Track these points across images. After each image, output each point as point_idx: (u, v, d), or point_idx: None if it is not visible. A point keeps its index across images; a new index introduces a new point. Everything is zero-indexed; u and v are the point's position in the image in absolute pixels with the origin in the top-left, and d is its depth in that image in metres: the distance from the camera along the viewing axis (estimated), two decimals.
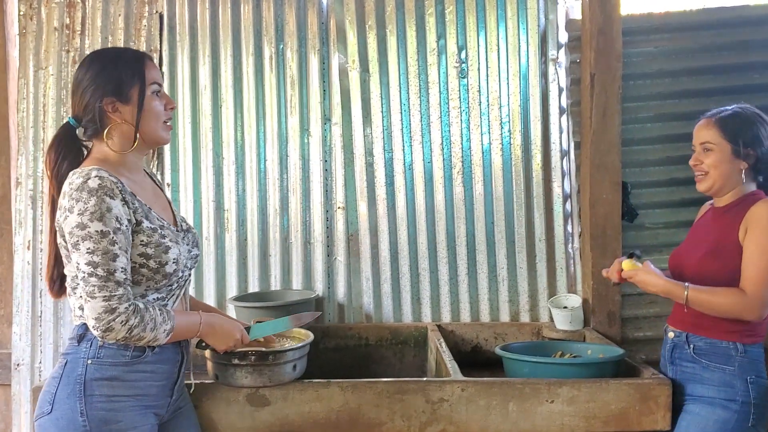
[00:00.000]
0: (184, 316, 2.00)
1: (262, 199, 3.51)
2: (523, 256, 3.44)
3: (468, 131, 3.46)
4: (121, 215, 1.81)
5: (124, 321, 1.77)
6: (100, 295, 1.77)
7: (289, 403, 2.31)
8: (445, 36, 3.47)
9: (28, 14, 3.51)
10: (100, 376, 1.86)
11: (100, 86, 1.91)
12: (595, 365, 2.50)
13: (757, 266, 2.17)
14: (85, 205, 1.77)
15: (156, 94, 1.98)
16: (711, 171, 2.32)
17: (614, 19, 3.18)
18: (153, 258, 1.88)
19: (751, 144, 2.27)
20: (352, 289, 3.48)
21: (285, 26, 3.52)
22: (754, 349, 2.27)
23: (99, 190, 1.78)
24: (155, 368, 1.94)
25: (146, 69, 1.97)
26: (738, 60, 3.37)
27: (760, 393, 2.24)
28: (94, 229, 1.77)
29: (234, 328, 2.10)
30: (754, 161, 2.29)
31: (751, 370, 2.25)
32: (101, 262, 1.77)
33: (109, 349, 1.87)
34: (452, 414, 2.35)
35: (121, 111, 1.93)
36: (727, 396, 2.24)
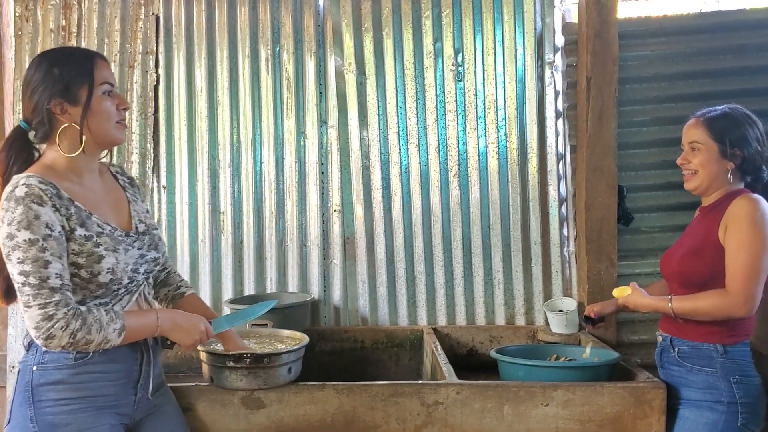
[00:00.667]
0: (137, 315, 1.93)
1: (258, 202, 3.51)
2: (519, 260, 3.44)
3: (464, 134, 3.46)
4: (52, 221, 1.76)
5: (64, 326, 1.72)
6: (35, 304, 1.72)
7: (284, 406, 2.31)
8: (441, 39, 3.48)
9: (24, 16, 3.51)
10: (45, 381, 1.83)
11: (48, 87, 1.86)
12: (590, 369, 2.50)
13: (737, 263, 2.17)
14: (12, 215, 1.73)
15: (107, 94, 1.92)
16: (699, 170, 2.33)
17: (611, 22, 3.18)
18: (84, 267, 1.83)
19: (738, 144, 2.28)
20: (348, 292, 3.48)
21: (281, 28, 3.52)
22: (737, 349, 2.26)
23: (26, 198, 1.74)
24: (106, 368, 1.89)
25: (96, 68, 1.91)
26: (734, 64, 3.37)
27: (749, 392, 2.23)
28: (22, 238, 1.72)
29: (197, 322, 2.02)
30: (740, 161, 2.30)
31: (734, 371, 2.24)
32: (32, 270, 1.72)
33: (52, 354, 1.83)
34: (447, 417, 2.35)
35: (70, 112, 1.88)
36: (713, 398, 2.24)
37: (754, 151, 2.29)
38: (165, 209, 3.52)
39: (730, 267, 2.20)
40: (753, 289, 2.16)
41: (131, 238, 1.97)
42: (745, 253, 2.16)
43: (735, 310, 2.17)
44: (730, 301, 2.17)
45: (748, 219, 2.18)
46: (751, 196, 2.25)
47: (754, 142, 2.29)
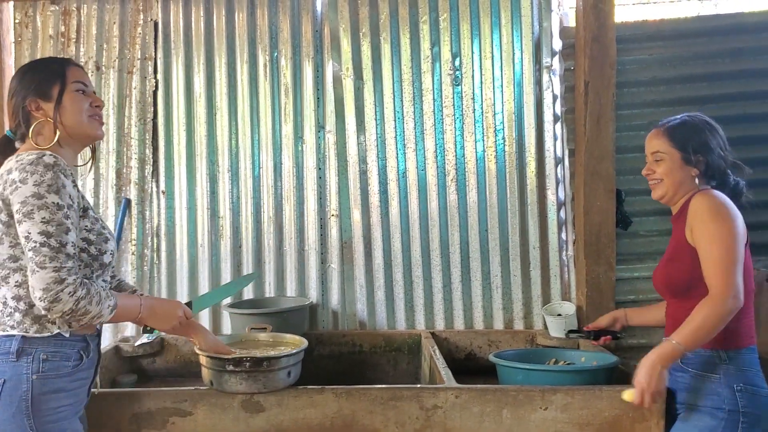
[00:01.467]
0: (126, 297, 2.00)
1: (257, 207, 3.52)
2: (517, 264, 3.44)
3: (462, 139, 3.47)
4: (73, 195, 1.84)
5: (72, 292, 1.76)
6: (51, 266, 1.75)
7: (284, 410, 2.31)
8: (439, 43, 3.48)
9: (23, 22, 3.52)
10: (47, 390, 1.83)
11: (23, 89, 1.95)
12: (588, 372, 2.50)
13: (711, 259, 2.14)
14: (41, 177, 1.78)
15: (80, 92, 1.99)
16: (664, 179, 2.32)
17: (608, 26, 3.19)
18: (95, 244, 1.91)
19: (700, 151, 2.28)
20: (345, 297, 3.49)
21: (279, 34, 3.53)
22: (741, 356, 2.19)
23: (55, 167, 1.80)
24: (87, 374, 1.96)
25: (68, 69, 2.00)
26: (732, 67, 3.39)
27: (752, 402, 2.15)
28: (51, 201, 1.77)
29: (174, 307, 2.11)
30: (704, 167, 2.29)
31: (738, 379, 2.16)
32: (55, 232, 1.77)
33: (53, 362, 1.85)
34: (446, 421, 2.34)
35: (44, 108, 1.95)
36: (714, 404, 2.18)
37: (717, 156, 2.29)
38: (164, 214, 3.52)
39: (705, 265, 2.16)
40: (732, 279, 2.11)
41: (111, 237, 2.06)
42: (716, 247, 2.14)
43: (724, 306, 2.11)
44: (716, 301, 2.12)
45: (710, 213, 2.17)
46: (708, 192, 2.24)
47: (716, 147, 2.29)
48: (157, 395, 2.32)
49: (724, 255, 2.13)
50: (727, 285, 2.11)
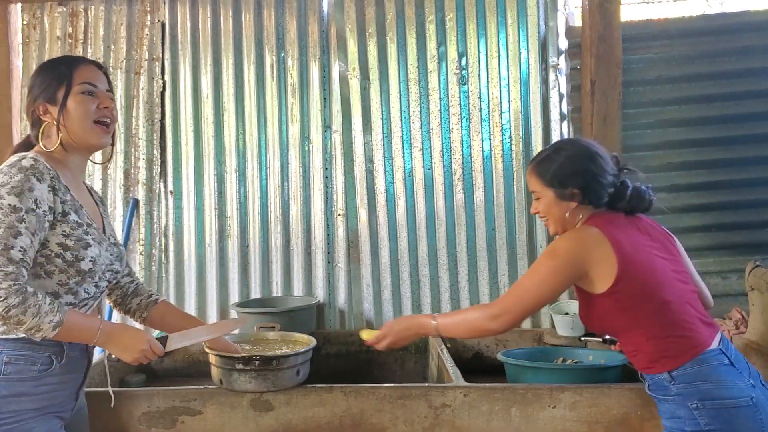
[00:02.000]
0: (81, 317, 1.87)
1: (264, 206, 3.53)
2: (525, 263, 3.44)
3: (468, 138, 3.47)
4: (42, 199, 1.77)
5: (2, 297, 1.68)
6: None
7: (293, 408, 2.31)
8: (445, 43, 3.49)
9: (31, 23, 3.54)
10: (7, 393, 1.78)
11: (34, 91, 1.95)
12: (596, 371, 2.50)
13: (516, 283, 2.10)
14: (9, 179, 1.75)
15: (88, 94, 1.95)
16: (549, 217, 2.21)
17: (614, 26, 3.20)
18: (71, 250, 1.83)
19: (572, 183, 2.13)
20: (352, 296, 3.49)
21: (286, 34, 3.54)
22: (687, 371, 1.99)
23: (29, 170, 1.77)
24: (63, 378, 1.88)
25: (77, 70, 1.96)
26: (738, 66, 3.39)
27: (717, 418, 1.94)
28: (7, 203, 1.73)
29: (138, 340, 1.96)
30: (581, 197, 2.14)
31: (691, 396, 1.96)
32: (1, 235, 1.71)
33: (16, 365, 1.79)
34: (455, 419, 2.34)
35: (51, 112, 1.93)
36: (677, 426, 2.02)
37: (594, 183, 2.13)
38: (172, 214, 3.53)
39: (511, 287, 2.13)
40: (515, 307, 2.04)
41: (106, 240, 2.00)
42: (529, 276, 2.07)
43: (487, 319, 2.07)
44: (487, 311, 2.08)
45: (549, 250, 2.08)
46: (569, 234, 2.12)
47: (589, 175, 2.14)
48: (167, 394, 2.33)
49: (529, 287, 2.05)
50: (504, 304, 2.06)
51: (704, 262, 3.43)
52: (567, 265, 2.03)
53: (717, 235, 3.53)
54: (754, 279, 3.06)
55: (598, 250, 2.02)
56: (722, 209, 3.50)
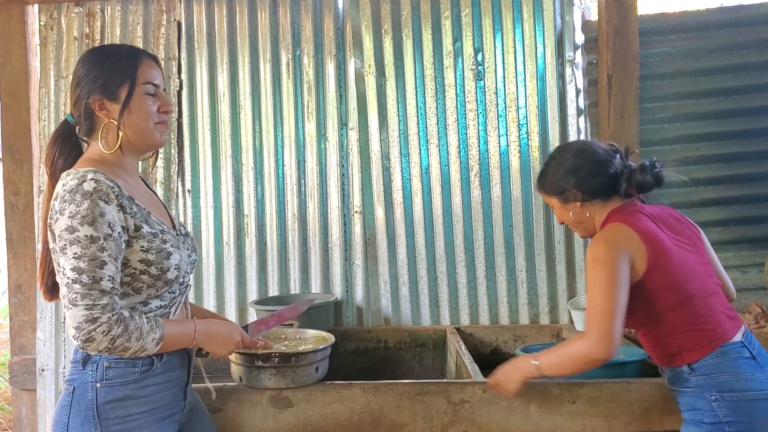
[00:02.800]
0: (177, 325, 1.87)
1: (281, 204, 3.53)
2: (542, 259, 3.43)
3: (485, 134, 3.47)
4: (114, 221, 1.71)
5: (106, 331, 1.66)
6: (83, 304, 1.66)
7: (312, 405, 2.32)
8: (461, 39, 3.48)
9: (48, 24, 3.56)
10: (111, 399, 1.77)
11: (89, 83, 1.83)
12: (616, 366, 2.48)
13: (589, 304, 2.05)
14: (77, 208, 1.68)
15: (150, 94, 1.88)
16: (567, 224, 2.31)
17: (631, 19, 3.18)
18: (155, 264, 1.79)
19: (566, 185, 2.21)
20: (370, 293, 3.50)
21: (301, 32, 3.54)
22: (707, 363, 2.04)
23: (94, 194, 1.69)
24: (166, 377, 1.87)
25: (140, 67, 1.87)
26: (756, 58, 3.37)
27: (735, 410, 1.98)
28: (84, 234, 1.67)
29: (232, 331, 2.01)
30: (581, 196, 2.20)
31: (711, 388, 2.01)
32: (87, 268, 1.66)
33: (117, 369, 1.79)
34: (474, 415, 2.35)
35: (108, 109, 1.84)
36: (696, 418, 2.06)
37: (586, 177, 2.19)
38: (190, 213, 3.55)
39: (586, 311, 2.08)
40: (607, 327, 1.99)
41: (180, 239, 1.96)
42: (593, 293, 2.03)
43: (592, 349, 2.02)
44: (585, 341, 2.03)
45: (591, 260, 2.07)
46: (597, 237, 2.14)
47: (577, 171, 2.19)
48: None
49: (601, 301, 2.01)
50: (599, 331, 2.00)
51: (723, 257, 3.40)
52: (616, 261, 2.02)
53: (736, 229, 3.51)
54: None
55: (629, 243, 2.05)
56: (741, 203, 3.48)
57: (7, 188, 3.55)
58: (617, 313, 1.99)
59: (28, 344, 3.52)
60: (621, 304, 2.00)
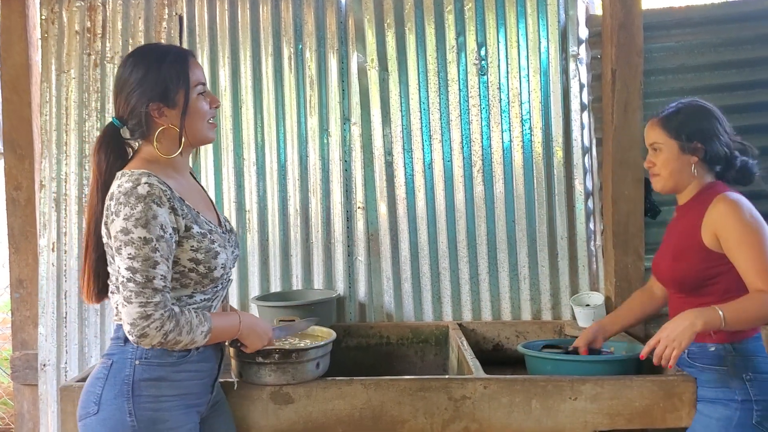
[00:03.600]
0: (223, 318, 2.01)
1: (283, 200, 3.52)
2: (545, 255, 3.42)
3: (488, 129, 3.45)
4: (166, 223, 1.82)
5: (159, 327, 1.77)
6: (137, 301, 1.77)
7: (313, 401, 2.32)
8: (464, 33, 3.46)
9: (49, 18, 3.55)
10: (148, 377, 1.87)
11: (147, 91, 1.89)
12: (618, 362, 2.48)
13: (748, 261, 2.12)
14: (131, 211, 1.78)
15: (201, 94, 1.98)
16: (662, 171, 2.33)
17: (635, 14, 3.16)
18: (203, 263, 1.90)
19: (697, 137, 2.27)
20: (372, 289, 3.49)
21: (304, 26, 3.52)
22: (747, 346, 2.22)
23: (147, 197, 1.79)
24: (199, 367, 1.96)
25: (190, 70, 1.95)
26: (762, 53, 3.33)
27: (763, 389, 2.18)
28: (137, 236, 1.77)
29: (269, 329, 2.15)
30: (703, 154, 2.28)
31: (747, 368, 2.19)
32: (141, 268, 1.77)
33: (157, 350, 1.88)
34: (475, 411, 2.34)
35: (167, 115, 1.93)
36: (726, 396, 2.20)
37: (717, 141, 2.27)
38: None
39: (742, 268, 2.14)
40: None
41: (226, 236, 2.05)
42: (749, 248, 2.12)
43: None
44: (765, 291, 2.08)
45: (736, 219, 2.16)
46: (730, 197, 2.22)
47: (714, 132, 2.27)
48: None
49: (759, 255, 2.11)
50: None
51: None
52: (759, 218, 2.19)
53: None
54: None
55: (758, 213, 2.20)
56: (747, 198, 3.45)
57: (8, 183, 3.54)
58: None
59: (30, 339, 3.51)
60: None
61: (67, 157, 3.48)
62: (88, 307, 3.45)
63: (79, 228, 3.46)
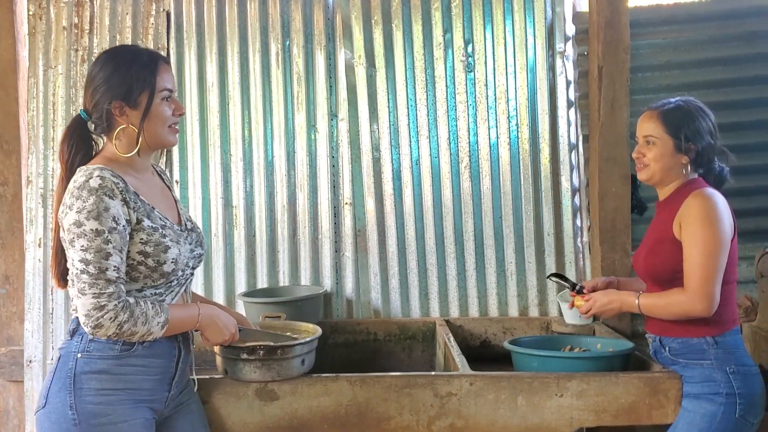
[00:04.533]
0: (180, 309, 2.01)
1: (270, 196, 3.52)
2: (532, 251, 3.43)
3: (475, 126, 3.45)
4: (119, 215, 1.84)
5: (113, 317, 1.79)
6: (90, 292, 1.79)
7: (298, 398, 2.32)
8: (451, 30, 3.47)
9: (37, 14, 3.52)
10: (89, 370, 1.88)
11: (111, 89, 1.93)
12: (604, 359, 2.49)
13: (692, 261, 2.18)
14: (83, 204, 1.80)
15: (166, 99, 2.00)
16: (652, 164, 2.34)
17: (622, 11, 3.17)
18: (151, 256, 1.91)
19: (693, 138, 2.29)
20: (360, 285, 3.49)
21: (291, 23, 3.52)
22: (728, 339, 2.26)
23: (99, 190, 1.81)
24: (147, 362, 1.95)
25: (158, 75, 1.97)
26: (746, 51, 3.36)
27: (745, 382, 2.22)
28: (90, 228, 1.80)
29: (230, 321, 2.14)
30: (694, 155, 2.31)
31: (729, 361, 2.24)
32: (93, 260, 1.79)
33: (98, 343, 1.88)
34: (461, 408, 2.35)
35: (128, 114, 1.95)
36: (711, 390, 2.23)
37: (707, 145, 2.31)
38: None
39: (686, 266, 2.21)
40: (709, 287, 2.16)
41: (184, 234, 2.06)
42: (699, 251, 2.17)
43: (692, 308, 2.18)
44: (687, 299, 2.19)
45: (701, 216, 2.19)
46: (705, 193, 2.25)
47: (706, 135, 2.30)
48: None
49: (705, 261, 2.17)
50: (702, 291, 2.16)
51: None
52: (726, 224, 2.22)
53: None
54: (763, 266, 3.06)
55: (729, 212, 2.26)
56: (731, 196, 3.44)
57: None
58: (717, 273, 2.17)
59: (16, 335, 3.50)
60: (723, 265, 2.19)
61: (54, 153, 3.46)
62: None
63: None
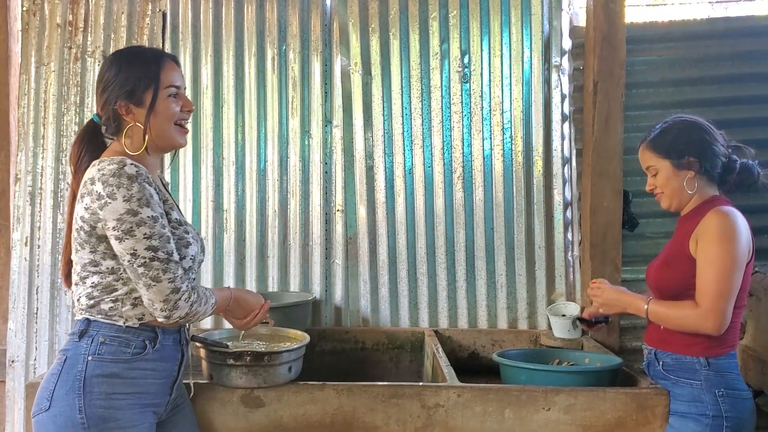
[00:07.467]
0: (218, 291, 2.06)
1: (262, 201, 3.50)
2: (523, 263, 3.42)
3: (469, 136, 3.45)
4: (159, 203, 1.86)
5: (188, 298, 1.84)
6: (165, 278, 1.81)
7: (284, 405, 2.30)
8: (448, 40, 3.46)
9: (31, 10, 3.51)
10: (100, 373, 1.85)
11: (116, 88, 1.94)
12: (592, 374, 2.48)
13: (706, 279, 2.16)
14: (128, 191, 1.79)
15: (173, 96, 1.99)
16: (664, 191, 2.35)
17: (618, 27, 3.17)
18: (176, 250, 1.90)
19: (688, 152, 2.29)
20: (349, 293, 3.47)
21: (288, 28, 3.51)
22: (721, 362, 2.23)
23: (138, 177, 1.81)
24: (156, 366, 1.94)
25: (162, 71, 1.97)
26: (742, 70, 3.37)
27: (735, 406, 2.20)
28: (146, 215, 1.80)
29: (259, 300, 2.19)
30: (698, 167, 2.30)
31: (719, 384, 2.21)
32: (160, 245, 1.81)
33: (111, 346, 1.87)
34: (448, 420, 2.33)
35: (134, 113, 1.95)
36: (698, 411, 2.22)
37: (709, 152, 2.29)
38: None
39: (699, 282, 2.19)
40: (722, 306, 2.14)
41: (197, 236, 2.07)
42: (714, 269, 2.15)
43: (703, 325, 2.16)
44: (698, 315, 2.16)
45: (718, 234, 2.17)
46: (723, 210, 2.22)
47: (703, 144, 2.29)
48: None
49: (719, 279, 2.15)
50: (714, 310, 2.14)
51: None
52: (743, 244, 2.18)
53: None
54: (752, 285, 3.05)
55: (748, 232, 2.22)
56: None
57: None
58: (731, 293, 2.15)
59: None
60: (738, 284, 2.16)
61: (44, 151, 3.44)
62: (59, 303, 3.41)
63: (53, 223, 3.42)
